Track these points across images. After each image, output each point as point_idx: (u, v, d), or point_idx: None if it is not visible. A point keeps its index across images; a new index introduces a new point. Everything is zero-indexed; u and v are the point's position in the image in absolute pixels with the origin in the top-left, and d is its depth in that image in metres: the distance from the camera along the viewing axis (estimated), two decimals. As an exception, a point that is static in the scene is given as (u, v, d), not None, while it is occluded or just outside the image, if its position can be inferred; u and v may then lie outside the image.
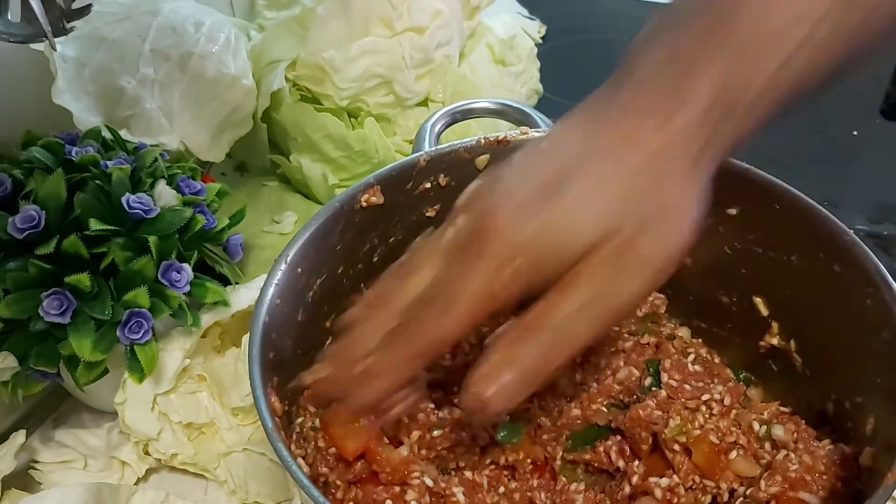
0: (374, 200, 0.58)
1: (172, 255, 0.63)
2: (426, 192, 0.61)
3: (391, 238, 0.61)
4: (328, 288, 0.57)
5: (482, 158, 0.61)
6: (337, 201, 0.57)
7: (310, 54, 0.81)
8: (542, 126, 0.66)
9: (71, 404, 0.72)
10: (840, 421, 0.54)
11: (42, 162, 0.64)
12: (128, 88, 0.76)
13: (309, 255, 0.55)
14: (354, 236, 0.59)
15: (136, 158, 0.67)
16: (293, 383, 0.51)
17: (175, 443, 0.65)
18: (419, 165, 0.60)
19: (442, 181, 0.61)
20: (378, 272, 0.61)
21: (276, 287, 0.52)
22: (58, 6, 0.54)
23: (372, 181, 0.58)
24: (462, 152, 0.61)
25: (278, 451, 0.44)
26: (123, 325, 0.60)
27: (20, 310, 0.58)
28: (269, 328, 0.50)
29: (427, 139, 0.66)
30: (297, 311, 0.55)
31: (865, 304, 0.50)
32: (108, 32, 0.75)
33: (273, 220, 0.85)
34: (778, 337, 0.58)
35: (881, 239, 0.84)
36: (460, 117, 0.70)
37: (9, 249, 0.59)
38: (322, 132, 0.82)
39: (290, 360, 0.53)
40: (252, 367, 0.48)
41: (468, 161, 0.61)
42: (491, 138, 0.61)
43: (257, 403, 0.46)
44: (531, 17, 1.16)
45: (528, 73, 1.01)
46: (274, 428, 0.45)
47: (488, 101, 0.71)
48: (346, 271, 0.59)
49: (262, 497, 0.64)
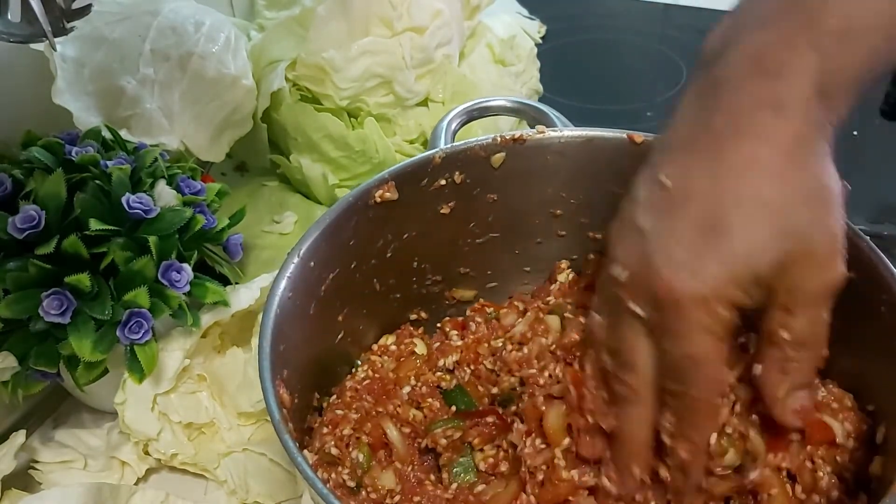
0: (389, 196, 0.58)
1: (172, 255, 0.63)
2: (441, 188, 0.61)
3: (405, 234, 0.61)
4: (341, 282, 0.57)
5: (498, 156, 0.61)
6: (351, 196, 0.57)
7: (310, 54, 0.81)
8: (559, 124, 0.66)
9: (71, 404, 0.72)
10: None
11: (42, 162, 0.64)
12: (128, 88, 0.76)
13: (322, 249, 0.55)
14: (368, 231, 0.59)
15: (136, 158, 0.67)
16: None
17: (175, 443, 0.65)
18: (434, 162, 0.60)
19: (457, 178, 0.61)
20: (391, 267, 0.61)
21: (288, 280, 0.52)
22: (58, 6, 0.54)
23: (387, 177, 0.58)
24: (478, 150, 0.61)
25: (285, 442, 0.44)
26: (123, 325, 0.60)
27: (20, 310, 0.58)
28: (279, 321, 0.50)
29: (443, 137, 0.66)
30: (310, 305, 0.55)
31: (880, 311, 0.50)
32: (108, 32, 0.75)
33: (273, 220, 0.85)
34: None
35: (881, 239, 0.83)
36: (477, 115, 0.70)
37: (9, 249, 0.59)
38: (322, 132, 0.82)
39: (300, 353, 0.53)
40: (262, 360, 0.48)
41: (483, 159, 0.61)
42: (507, 136, 0.61)
43: (266, 395, 0.46)
44: (531, 17, 1.16)
45: (528, 73, 1.01)
46: (281, 420, 0.45)
47: (504, 100, 0.71)
48: (359, 266, 0.59)
49: (262, 497, 0.64)
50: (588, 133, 0.63)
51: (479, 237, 0.65)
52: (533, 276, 0.68)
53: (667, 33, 1.22)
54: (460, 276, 0.67)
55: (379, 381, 0.60)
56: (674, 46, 1.17)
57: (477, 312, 0.66)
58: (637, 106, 1.05)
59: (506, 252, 0.67)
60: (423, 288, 0.66)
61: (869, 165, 0.95)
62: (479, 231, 0.65)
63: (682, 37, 1.18)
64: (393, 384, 0.60)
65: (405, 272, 0.64)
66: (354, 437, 0.55)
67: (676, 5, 1.26)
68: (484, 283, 0.68)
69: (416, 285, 0.65)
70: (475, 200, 0.63)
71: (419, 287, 0.65)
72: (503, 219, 0.65)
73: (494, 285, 0.68)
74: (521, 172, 0.63)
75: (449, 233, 0.64)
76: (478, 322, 0.64)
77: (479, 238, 0.65)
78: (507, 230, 0.66)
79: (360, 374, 0.60)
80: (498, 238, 0.66)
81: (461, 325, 0.65)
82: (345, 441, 0.55)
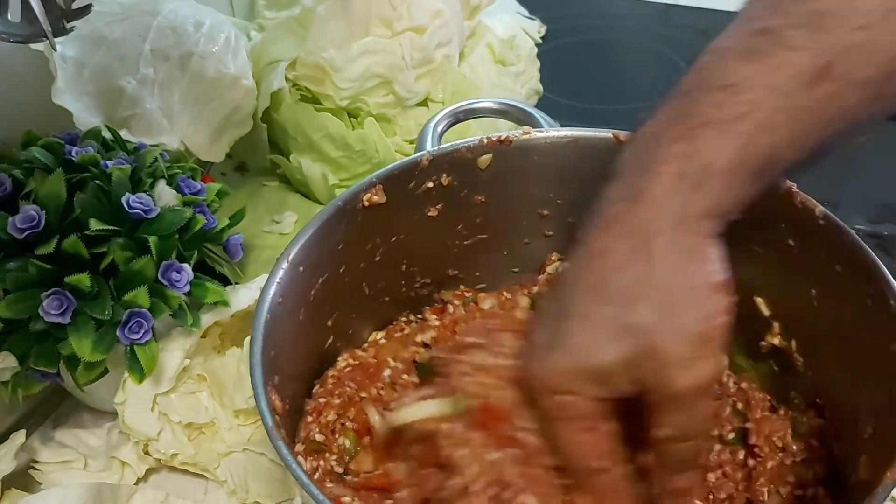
0: (377, 199, 0.58)
1: (172, 255, 0.63)
2: (428, 191, 0.61)
3: (393, 237, 0.61)
4: (330, 286, 0.58)
5: (484, 158, 0.61)
6: (340, 200, 0.57)
7: (310, 54, 0.81)
8: (545, 125, 0.66)
9: (71, 404, 0.72)
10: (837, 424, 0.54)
11: (42, 162, 0.64)
12: (128, 88, 0.76)
13: (311, 253, 0.55)
14: (356, 235, 0.59)
15: (136, 158, 0.67)
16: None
17: (175, 443, 0.65)
18: (422, 165, 0.60)
19: (444, 181, 0.61)
20: (380, 271, 0.62)
21: (277, 285, 0.52)
22: (58, 6, 0.54)
23: (374, 180, 0.58)
24: (464, 152, 0.61)
25: (278, 449, 0.44)
26: (123, 325, 0.60)
27: (20, 310, 0.58)
28: (270, 326, 0.50)
29: (430, 139, 0.66)
30: (299, 310, 0.55)
31: (866, 304, 0.50)
32: (108, 32, 0.75)
33: (273, 220, 0.85)
34: (779, 337, 0.58)
35: (881, 239, 0.84)
36: (463, 117, 0.70)
37: (9, 249, 0.59)
38: (322, 132, 0.82)
39: (291, 358, 0.53)
40: (253, 367, 0.48)
41: (470, 160, 0.61)
42: (493, 138, 0.61)
43: (258, 401, 0.46)
44: (531, 17, 1.16)
45: (528, 73, 1.01)
46: (274, 426, 0.45)
47: (491, 101, 0.71)
48: (348, 270, 0.59)
49: (262, 497, 0.64)
50: (574, 133, 0.63)
51: (468, 239, 0.66)
52: (521, 276, 0.68)
53: (667, 33, 1.22)
54: (449, 278, 0.67)
55: (360, 367, 0.60)
56: (674, 46, 1.17)
57: (456, 297, 0.66)
58: (637, 106, 1.04)
59: (494, 253, 0.67)
60: (411, 290, 0.66)
61: (869, 165, 0.95)
62: (466, 233, 0.65)
63: (682, 37, 1.18)
64: (374, 368, 0.60)
65: (394, 275, 0.64)
66: (339, 422, 0.56)
67: (676, 5, 1.26)
68: (473, 285, 0.68)
69: (406, 288, 0.66)
70: (463, 202, 0.63)
71: (408, 290, 0.66)
72: (491, 220, 0.65)
73: (483, 287, 0.68)
74: (508, 173, 0.63)
75: (437, 235, 0.64)
76: (455, 304, 0.65)
77: (467, 240, 0.66)
78: (494, 231, 0.66)
79: (342, 363, 0.60)
80: (486, 239, 0.66)
81: (440, 310, 0.66)
82: (329, 427, 0.55)
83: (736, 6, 0.45)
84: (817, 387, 0.56)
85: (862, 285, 0.50)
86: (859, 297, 0.50)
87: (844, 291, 0.52)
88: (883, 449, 0.46)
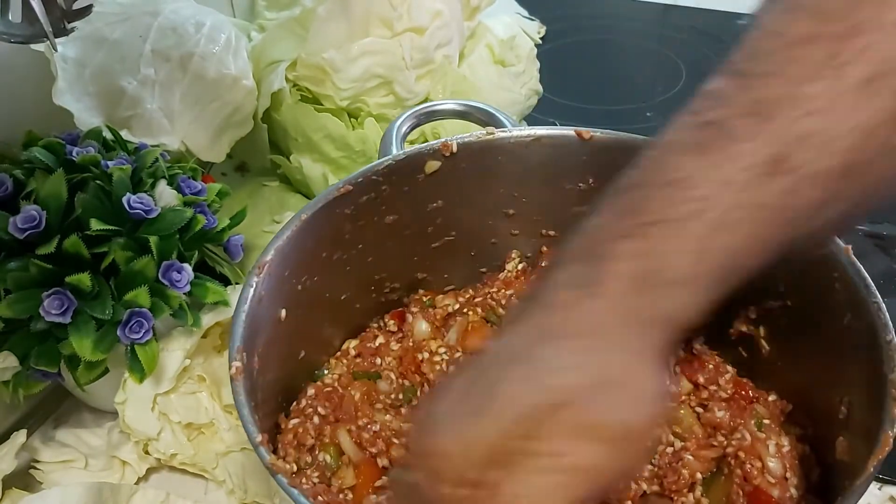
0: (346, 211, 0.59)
1: (173, 255, 0.63)
2: (391, 197, 0.61)
3: (359, 244, 0.62)
4: (303, 297, 0.58)
5: (431, 164, 0.62)
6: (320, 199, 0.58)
7: (310, 55, 0.82)
8: (508, 125, 0.66)
9: (71, 404, 0.72)
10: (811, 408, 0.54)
11: (43, 162, 0.64)
12: (129, 89, 0.76)
13: (289, 259, 0.56)
14: (324, 245, 0.59)
15: (137, 159, 0.67)
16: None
17: (175, 443, 0.65)
18: (382, 172, 0.60)
19: (406, 186, 0.61)
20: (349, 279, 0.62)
21: (252, 298, 0.52)
22: (59, 7, 0.54)
23: (341, 185, 0.59)
24: (426, 156, 0.61)
25: (261, 455, 0.45)
26: (124, 324, 0.60)
27: (21, 310, 0.59)
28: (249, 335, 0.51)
29: (394, 143, 0.66)
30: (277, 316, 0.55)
31: (834, 288, 0.50)
32: (108, 33, 0.75)
33: (273, 221, 0.85)
34: (748, 324, 0.59)
35: (881, 239, 0.84)
36: (425, 119, 0.70)
37: (10, 249, 0.60)
38: (322, 132, 0.83)
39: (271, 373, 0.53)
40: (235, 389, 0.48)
41: (432, 164, 0.62)
42: (456, 140, 0.62)
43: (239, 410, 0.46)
44: (531, 17, 1.16)
45: (528, 73, 1.01)
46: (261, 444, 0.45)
47: (453, 103, 0.72)
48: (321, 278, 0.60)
49: (261, 497, 0.64)
50: (537, 132, 0.63)
51: (434, 241, 0.66)
52: (489, 276, 0.69)
53: (666, 33, 1.22)
54: (419, 282, 0.68)
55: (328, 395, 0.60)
56: (674, 47, 1.17)
57: (414, 302, 0.67)
58: (637, 106, 1.05)
59: (461, 254, 0.68)
60: (381, 296, 0.66)
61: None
62: (434, 236, 0.66)
63: (682, 37, 1.19)
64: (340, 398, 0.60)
65: (363, 283, 0.65)
66: (318, 442, 0.56)
67: (676, 5, 1.26)
68: (442, 287, 0.69)
69: (376, 294, 0.66)
70: (426, 206, 0.64)
71: (378, 296, 0.66)
72: (457, 222, 0.66)
73: (452, 288, 0.69)
74: (472, 174, 0.63)
75: (401, 240, 0.64)
76: (413, 311, 0.65)
77: (434, 242, 0.66)
78: (461, 233, 0.66)
79: (311, 391, 0.60)
80: (453, 241, 0.67)
81: (399, 315, 0.66)
82: (307, 447, 0.56)
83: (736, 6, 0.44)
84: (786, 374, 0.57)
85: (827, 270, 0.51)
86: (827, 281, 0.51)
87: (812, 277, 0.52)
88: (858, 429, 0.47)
